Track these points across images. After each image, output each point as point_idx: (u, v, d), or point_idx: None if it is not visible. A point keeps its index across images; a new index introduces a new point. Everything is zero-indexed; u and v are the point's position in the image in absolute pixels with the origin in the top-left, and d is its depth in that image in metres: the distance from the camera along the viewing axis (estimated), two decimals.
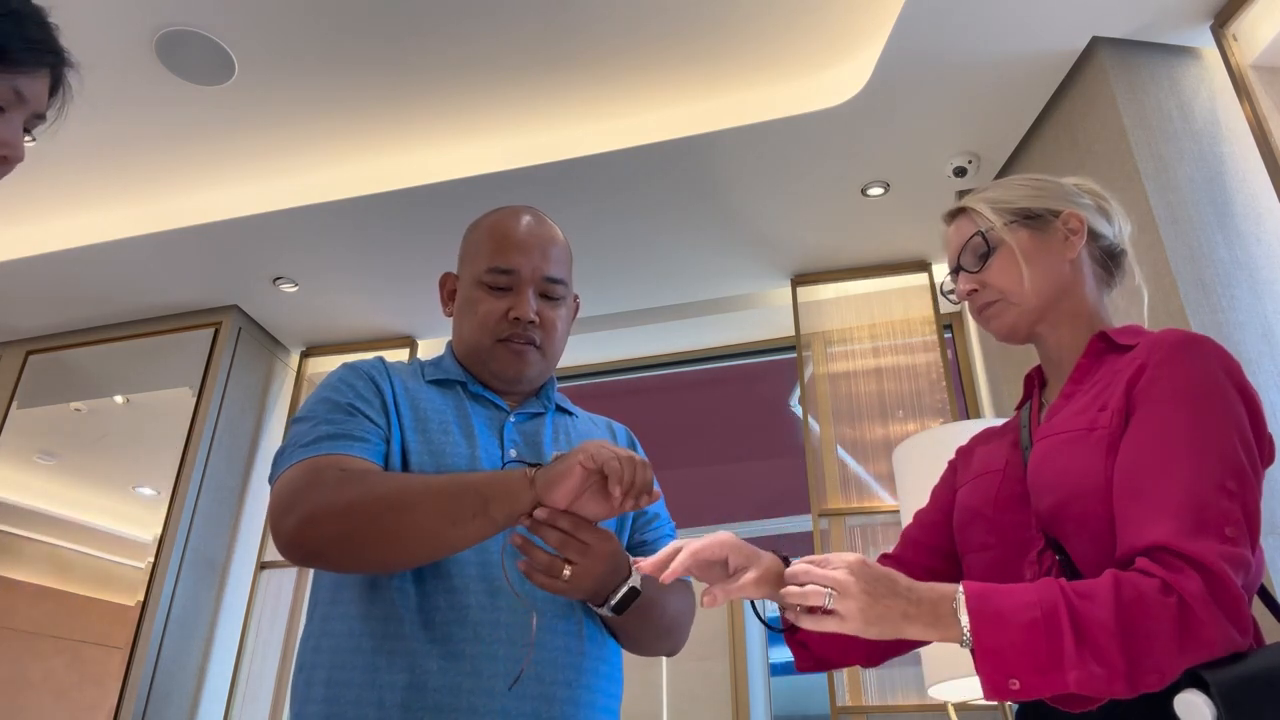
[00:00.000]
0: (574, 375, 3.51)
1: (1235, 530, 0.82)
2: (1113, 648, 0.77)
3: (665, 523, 1.33)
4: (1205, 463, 0.85)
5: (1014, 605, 0.80)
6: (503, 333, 1.21)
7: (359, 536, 1.01)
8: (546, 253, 1.26)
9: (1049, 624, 0.78)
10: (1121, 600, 0.79)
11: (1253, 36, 1.82)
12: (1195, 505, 0.83)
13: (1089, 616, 0.78)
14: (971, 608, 0.81)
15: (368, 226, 2.71)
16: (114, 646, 2.74)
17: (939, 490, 1.21)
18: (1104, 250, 1.14)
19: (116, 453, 3.17)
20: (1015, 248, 1.08)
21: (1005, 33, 2.00)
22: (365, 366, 1.22)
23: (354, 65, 2.26)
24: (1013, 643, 0.79)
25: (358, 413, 1.13)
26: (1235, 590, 0.78)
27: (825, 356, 2.89)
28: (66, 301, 3.11)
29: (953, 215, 1.18)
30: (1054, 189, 1.13)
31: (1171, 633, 0.77)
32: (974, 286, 1.11)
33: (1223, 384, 0.90)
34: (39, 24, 0.83)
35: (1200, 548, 0.80)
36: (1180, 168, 1.87)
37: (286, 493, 1.04)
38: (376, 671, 1.03)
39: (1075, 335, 1.09)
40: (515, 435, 1.22)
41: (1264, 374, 1.67)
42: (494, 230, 1.27)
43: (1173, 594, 0.78)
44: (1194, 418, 0.88)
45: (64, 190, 2.73)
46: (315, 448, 1.08)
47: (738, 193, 2.57)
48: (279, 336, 3.36)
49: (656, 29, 2.17)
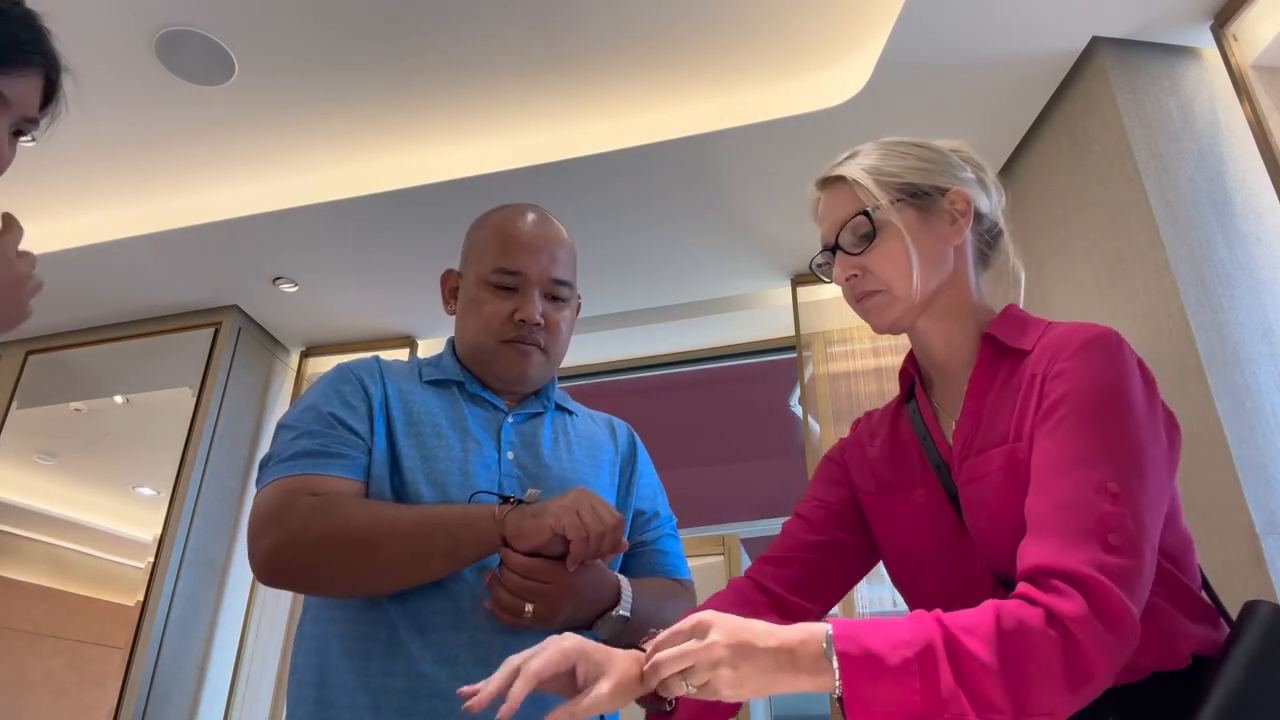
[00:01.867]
0: (574, 375, 3.51)
1: (1120, 537, 0.76)
2: (995, 688, 0.70)
3: (666, 521, 1.32)
4: (1091, 470, 0.79)
5: (886, 644, 0.72)
6: (508, 334, 1.21)
7: (326, 570, 1.02)
8: (554, 254, 1.24)
9: (924, 664, 0.71)
10: (1003, 633, 0.72)
11: (1253, 36, 1.82)
12: (1075, 517, 0.78)
13: (969, 654, 0.71)
14: (841, 650, 0.72)
15: (368, 226, 2.71)
16: (114, 646, 2.74)
17: (827, 491, 1.11)
18: (985, 232, 1.05)
19: (116, 453, 3.17)
20: (904, 232, 0.97)
21: (1005, 33, 2.00)
22: (357, 368, 1.21)
23: (354, 65, 2.26)
24: (886, 688, 0.71)
25: (339, 424, 1.12)
26: (1117, 603, 0.73)
27: (825, 356, 2.89)
28: (66, 301, 3.10)
29: (827, 181, 1.05)
30: (940, 161, 1.02)
31: (1057, 668, 0.71)
32: (854, 271, 1.00)
33: (1122, 382, 0.84)
34: (27, 26, 0.82)
35: (1077, 561, 0.74)
36: (1180, 168, 1.87)
37: (260, 516, 1.05)
38: (371, 676, 1.02)
39: (960, 332, 1.00)
40: (513, 436, 1.21)
41: (1264, 374, 1.67)
42: (501, 229, 1.25)
43: (1056, 623, 0.72)
44: (1088, 427, 0.82)
45: (64, 190, 2.73)
46: (292, 465, 1.07)
47: (738, 193, 2.57)
48: (279, 336, 3.36)
49: (656, 29, 2.16)
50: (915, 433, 1.02)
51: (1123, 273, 1.89)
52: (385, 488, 1.11)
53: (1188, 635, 0.85)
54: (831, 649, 0.72)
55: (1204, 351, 1.66)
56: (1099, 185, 2.00)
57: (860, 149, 1.05)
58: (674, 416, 4.23)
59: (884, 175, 1.00)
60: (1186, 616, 0.86)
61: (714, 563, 2.56)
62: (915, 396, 1.06)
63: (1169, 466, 0.87)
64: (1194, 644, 0.84)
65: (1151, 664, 0.83)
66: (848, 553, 1.07)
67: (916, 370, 1.07)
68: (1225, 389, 1.64)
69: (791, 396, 3.60)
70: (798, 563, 1.06)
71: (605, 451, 1.30)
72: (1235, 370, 1.66)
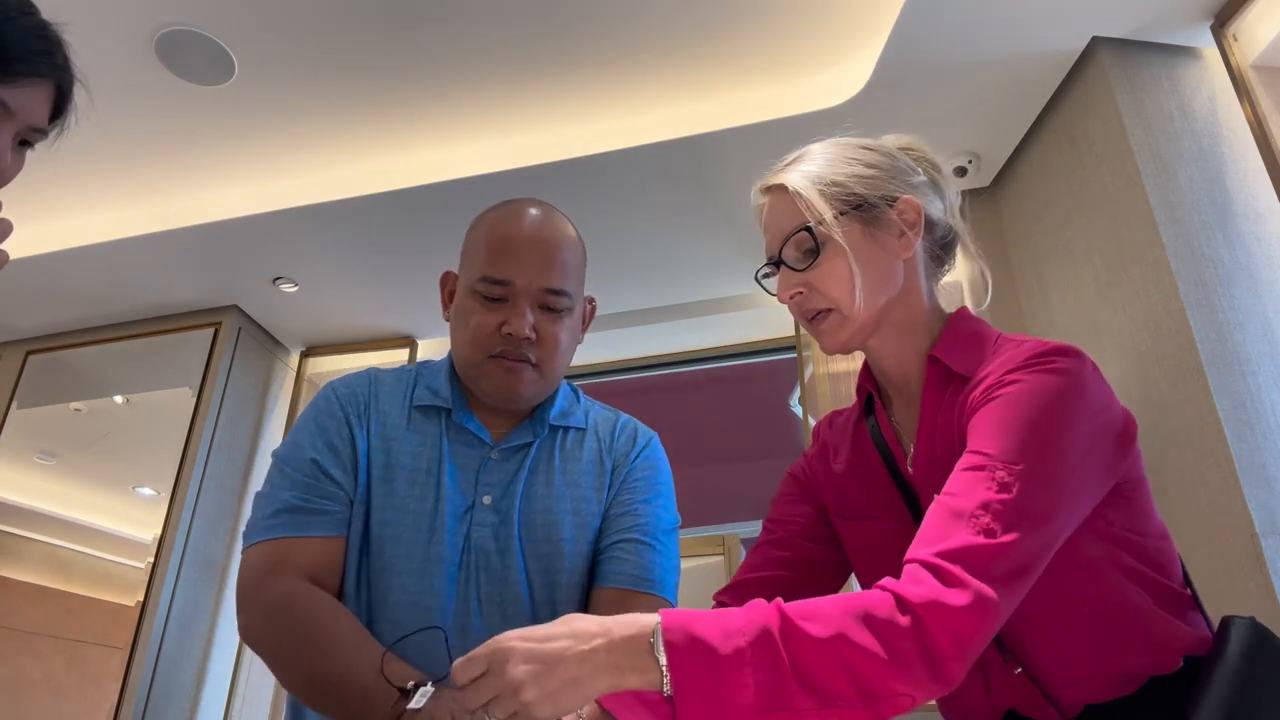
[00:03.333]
0: (574, 375, 3.52)
1: (997, 520, 0.73)
2: (837, 675, 0.66)
3: (642, 527, 1.18)
4: (986, 462, 0.77)
5: (718, 633, 0.68)
6: (495, 348, 1.11)
7: (276, 671, 1.05)
8: (550, 260, 1.13)
9: (758, 652, 0.67)
10: (847, 618, 0.69)
11: (1253, 36, 1.82)
12: (954, 504, 0.75)
13: (807, 637, 0.67)
14: (668, 640, 0.67)
15: (368, 226, 2.71)
16: (114, 646, 2.74)
17: (792, 509, 1.08)
18: (938, 240, 1.00)
19: (116, 453, 3.17)
20: (847, 249, 0.92)
21: (1005, 33, 2.00)
22: (345, 400, 1.16)
23: (354, 66, 2.25)
24: (718, 680, 0.66)
25: (322, 475, 1.10)
26: (967, 582, 0.69)
27: (825, 357, 2.89)
28: (66, 301, 3.10)
29: (770, 187, 1.00)
30: (887, 168, 0.97)
31: (906, 651, 0.67)
32: (799, 289, 0.96)
33: (1048, 386, 0.81)
34: (39, 36, 0.79)
35: (941, 548, 0.72)
36: (1180, 168, 1.87)
37: (244, 584, 1.08)
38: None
39: (911, 350, 0.97)
40: (492, 477, 1.14)
41: (1264, 374, 1.67)
42: (492, 231, 1.16)
43: (906, 608, 0.69)
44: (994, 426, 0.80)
45: (63, 190, 2.73)
46: (273, 527, 1.07)
47: (738, 193, 2.57)
48: (279, 336, 3.36)
49: (656, 29, 2.16)
50: (878, 452, 0.99)
51: (1123, 273, 1.89)
52: (360, 542, 1.10)
53: (1178, 636, 0.85)
54: (659, 640, 0.68)
55: (1204, 351, 1.66)
56: (1099, 185, 2.00)
57: (808, 150, 1.01)
58: (674, 416, 4.23)
59: (828, 185, 0.95)
60: (1173, 615, 0.86)
61: (714, 563, 2.56)
62: (875, 411, 1.02)
63: (1107, 466, 0.83)
64: (1184, 644, 0.84)
65: (1148, 668, 0.83)
66: (816, 567, 1.05)
67: (873, 385, 1.03)
68: (1225, 389, 1.63)
69: (791, 396, 3.60)
70: (766, 582, 1.03)
71: (588, 477, 1.20)
72: (1235, 370, 1.66)
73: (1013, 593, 0.72)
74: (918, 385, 0.97)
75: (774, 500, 1.12)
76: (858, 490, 1.01)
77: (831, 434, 1.09)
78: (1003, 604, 0.71)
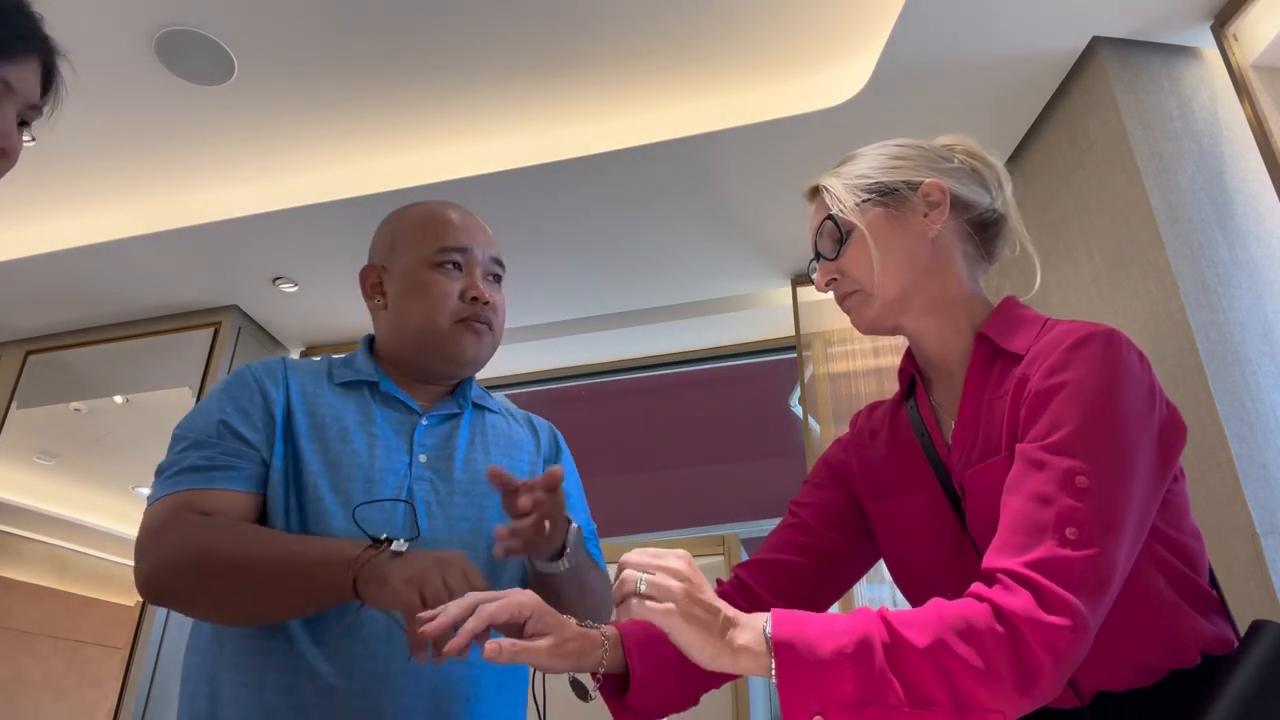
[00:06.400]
0: (574, 375, 3.51)
1: (1080, 530, 0.74)
2: (933, 681, 0.69)
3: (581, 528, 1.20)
4: (1061, 465, 0.78)
5: (822, 633, 0.72)
6: (462, 313, 1.19)
7: (195, 597, 1.01)
8: (489, 235, 1.27)
9: (858, 651, 0.70)
10: (945, 626, 0.71)
11: (1253, 36, 1.82)
12: (1036, 512, 0.77)
13: (906, 643, 0.71)
14: (775, 635, 0.73)
15: (368, 226, 2.69)
16: (114, 646, 2.74)
17: (821, 493, 1.09)
18: (974, 222, 1.02)
19: (116, 453, 3.17)
20: (866, 232, 0.97)
21: (1005, 33, 2.00)
22: (258, 371, 1.17)
23: (354, 65, 2.25)
24: (818, 674, 0.70)
25: (229, 433, 1.09)
26: (1063, 598, 0.71)
27: (825, 356, 2.89)
28: (66, 301, 3.10)
29: (813, 193, 1.05)
30: (915, 156, 1.01)
31: (1002, 664, 0.69)
32: (833, 275, 1.01)
33: (1108, 380, 0.82)
34: (19, 11, 0.81)
35: (1029, 558, 0.74)
36: (1180, 168, 1.87)
37: (142, 536, 1.03)
38: (264, 689, 1.00)
39: (951, 329, 0.98)
40: (427, 439, 1.16)
41: (1264, 374, 1.67)
42: (434, 216, 1.26)
43: (1003, 619, 0.71)
44: (1066, 423, 0.80)
45: (63, 190, 2.73)
46: (178, 481, 1.05)
47: (738, 193, 2.57)
48: (279, 336, 3.36)
49: (655, 29, 2.16)
50: (914, 431, 1.00)
51: (1123, 273, 1.89)
52: (288, 495, 1.07)
53: (1198, 633, 0.84)
54: (768, 631, 0.73)
55: (1204, 351, 1.66)
56: (1099, 185, 2.00)
57: (851, 153, 1.05)
58: (674, 416, 4.23)
59: (854, 179, 1.00)
60: (1197, 612, 0.86)
61: (714, 562, 2.56)
62: (915, 394, 1.04)
63: (1162, 466, 0.85)
64: (1203, 642, 0.84)
65: (1167, 662, 0.83)
66: (838, 557, 1.05)
67: (916, 368, 1.06)
68: (1225, 389, 1.63)
69: (791, 396, 3.60)
70: (785, 566, 1.04)
71: (524, 452, 1.26)
72: (1235, 370, 1.66)
73: (1101, 607, 0.74)
74: (960, 364, 0.98)
75: (805, 483, 1.14)
76: (890, 468, 1.02)
77: (869, 421, 1.11)
78: (1092, 620, 0.73)
